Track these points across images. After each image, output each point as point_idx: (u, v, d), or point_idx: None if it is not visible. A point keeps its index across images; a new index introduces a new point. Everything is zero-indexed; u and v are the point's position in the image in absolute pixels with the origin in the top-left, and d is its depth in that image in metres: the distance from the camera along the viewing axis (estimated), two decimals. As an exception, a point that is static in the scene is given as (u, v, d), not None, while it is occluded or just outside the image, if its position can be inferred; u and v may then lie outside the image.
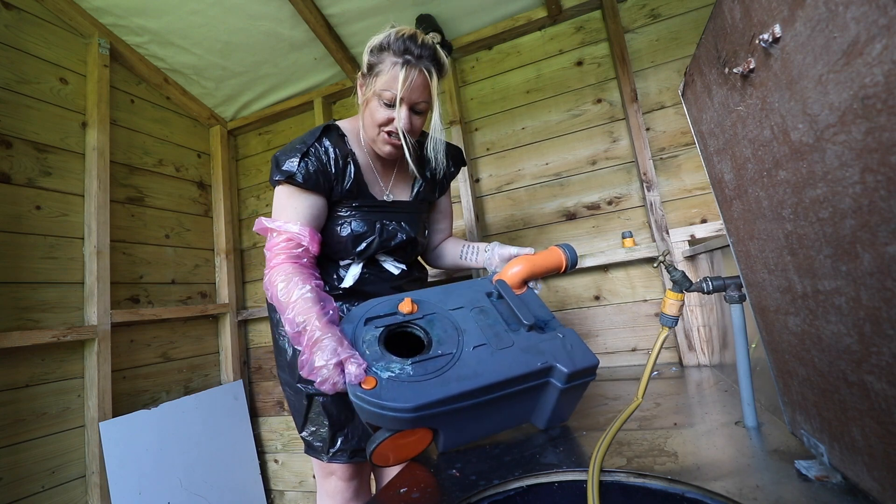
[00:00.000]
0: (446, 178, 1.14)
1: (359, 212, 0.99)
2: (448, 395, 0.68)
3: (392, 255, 1.06)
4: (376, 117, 0.91)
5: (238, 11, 1.62)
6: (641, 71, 1.58)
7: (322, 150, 0.94)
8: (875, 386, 0.40)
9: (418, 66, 0.88)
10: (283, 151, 0.94)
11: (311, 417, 1.01)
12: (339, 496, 1.04)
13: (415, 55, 0.88)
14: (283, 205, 0.93)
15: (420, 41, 0.89)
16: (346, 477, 1.03)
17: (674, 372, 1.33)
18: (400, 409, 0.65)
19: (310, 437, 1.01)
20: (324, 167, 0.93)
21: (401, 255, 1.07)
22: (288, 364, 1.03)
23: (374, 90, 0.90)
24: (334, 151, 0.94)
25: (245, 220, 2.23)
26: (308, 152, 0.92)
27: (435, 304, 0.84)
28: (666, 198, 1.51)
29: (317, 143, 0.93)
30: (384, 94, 0.89)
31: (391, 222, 1.02)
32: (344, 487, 1.04)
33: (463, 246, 1.15)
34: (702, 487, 0.57)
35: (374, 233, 0.99)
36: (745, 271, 0.64)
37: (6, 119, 1.41)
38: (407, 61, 0.87)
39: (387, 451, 0.71)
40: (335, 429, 0.99)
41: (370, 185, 1.02)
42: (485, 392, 0.71)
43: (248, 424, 1.96)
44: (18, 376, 1.32)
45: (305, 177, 0.90)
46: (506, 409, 0.78)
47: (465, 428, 0.76)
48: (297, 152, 0.91)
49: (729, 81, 0.52)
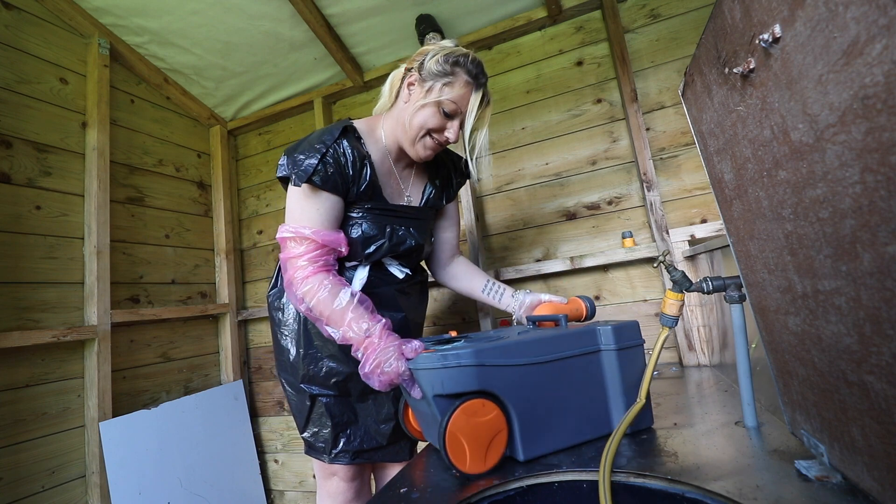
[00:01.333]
0: (455, 187, 1.15)
1: (370, 214, 0.98)
2: (504, 345, 0.73)
3: (398, 259, 1.07)
4: (430, 122, 0.92)
5: (238, 11, 1.62)
6: (641, 71, 1.58)
7: (340, 151, 0.91)
8: (875, 386, 0.40)
9: (483, 89, 0.95)
10: (300, 150, 0.90)
11: (314, 418, 1.01)
12: (340, 497, 1.05)
13: (484, 83, 0.95)
14: (304, 207, 0.91)
15: (485, 71, 0.96)
16: (347, 478, 1.04)
17: (674, 372, 1.33)
18: (463, 354, 0.70)
19: (311, 438, 1.02)
20: (342, 169, 0.91)
21: (406, 260, 1.08)
22: (290, 364, 1.02)
23: (439, 98, 0.91)
24: (352, 153, 0.92)
25: (245, 220, 2.23)
26: (327, 153, 0.89)
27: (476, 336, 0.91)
28: (666, 198, 1.51)
29: (335, 143, 0.91)
30: (449, 105, 0.91)
31: (401, 227, 1.02)
32: (346, 488, 1.05)
33: (487, 281, 1.14)
34: (702, 487, 0.57)
35: (384, 237, 0.99)
36: (745, 271, 0.64)
37: (6, 119, 1.41)
38: (481, 85, 0.94)
39: (460, 429, 0.68)
40: (338, 430, 1.00)
41: (384, 187, 1.01)
42: (539, 348, 0.74)
43: (248, 424, 1.96)
44: (18, 376, 1.32)
45: (324, 178, 0.89)
46: (574, 391, 0.76)
47: (538, 409, 0.74)
48: (317, 153, 0.89)
49: (729, 81, 0.52)
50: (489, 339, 0.78)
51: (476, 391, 0.70)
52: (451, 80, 0.91)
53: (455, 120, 0.94)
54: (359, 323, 0.82)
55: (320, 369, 0.99)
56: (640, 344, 0.81)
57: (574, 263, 1.52)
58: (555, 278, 1.63)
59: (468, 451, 0.68)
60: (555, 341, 0.76)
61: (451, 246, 1.19)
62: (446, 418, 0.67)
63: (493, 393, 0.71)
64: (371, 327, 0.81)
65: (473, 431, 0.69)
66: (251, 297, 2.17)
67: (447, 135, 0.94)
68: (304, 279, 0.87)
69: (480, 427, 0.69)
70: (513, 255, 1.71)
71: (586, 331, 0.79)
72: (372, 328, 0.81)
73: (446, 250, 1.19)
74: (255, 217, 2.20)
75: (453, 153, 1.17)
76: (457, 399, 0.69)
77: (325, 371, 0.99)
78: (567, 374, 0.76)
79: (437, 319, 1.79)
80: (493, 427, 0.70)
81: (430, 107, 0.92)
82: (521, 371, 0.73)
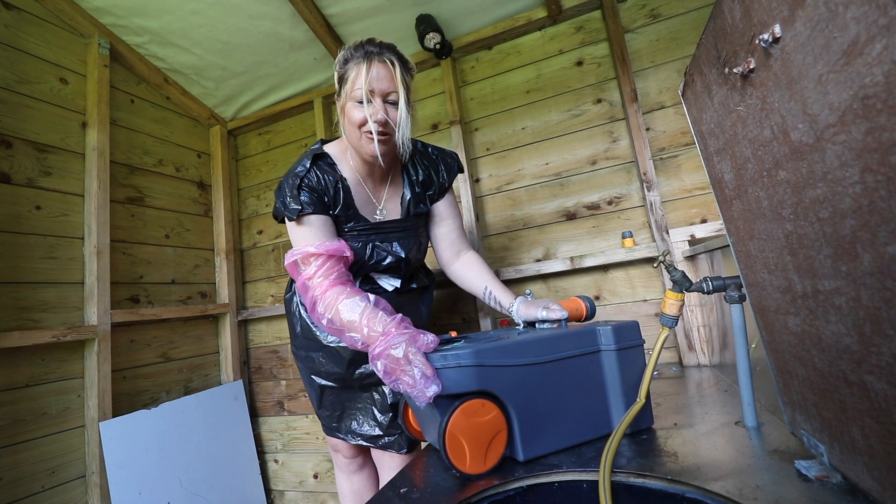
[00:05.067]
0: (439, 184, 1.12)
1: (351, 233, 1.04)
2: (504, 345, 0.73)
3: (385, 273, 1.10)
4: (354, 118, 0.94)
5: (238, 11, 1.62)
6: (641, 71, 1.58)
7: (315, 179, 0.99)
8: (875, 386, 0.40)
9: (380, 57, 0.92)
10: (284, 190, 0.98)
11: (325, 402, 1.16)
12: (345, 468, 1.27)
13: (375, 51, 0.93)
14: (302, 232, 0.98)
15: (378, 41, 0.94)
16: (349, 454, 1.23)
17: (674, 372, 1.33)
18: (463, 355, 0.70)
19: (320, 414, 1.19)
20: (321, 195, 0.99)
21: (395, 273, 1.11)
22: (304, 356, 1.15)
23: (347, 95, 0.94)
24: (325, 179, 0.99)
25: (245, 220, 2.23)
26: (302, 184, 0.97)
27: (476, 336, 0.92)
28: (666, 198, 1.51)
29: (308, 174, 0.98)
30: (356, 94, 0.92)
31: (383, 242, 1.06)
32: (347, 463, 1.25)
33: (486, 287, 1.12)
34: (702, 487, 0.57)
35: (363, 256, 1.04)
36: (745, 271, 0.64)
37: (6, 119, 1.40)
38: (368, 54, 0.92)
39: (460, 429, 0.68)
40: (338, 412, 1.15)
41: (362, 206, 1.05)
42: (539, 349, 0.75)
43: (248, 424, 1.96)
44: (18, 376, 1.32)
45: (308, 203, 0.97)
46: (574, 392, 0.76)
47: (537, 409, 0.73)
48: (295, 188, 0.97)
49: (729, 81, 0.52)
50: (489, 340, 0.78)
51: (476, 391, 0.70)
52: (348, 73, 0.93)
53: (376, 99, 0.93)
54: (376, 322, 0.84)
55: (324, 364, 1.11)
56: (640, 344, 0.81)
57: (574, 263, 1.52)
58: (555, 278, 1.63)
59: (468, 451, 0.68)
60: (555, 341, 0.76)
61: (449, 242, 1.17)
62: (446, 418, 0.67)
63: (492, 393, 0.71)
64: (388, 323, 0.83)
65: (473, 431, 0.69)
66: (251, 297, 2.17)
67: (373, 118, 0.93)
68: (322, 295, 0.91)
69: (480, 427, 0.69)
70: (513, 255, 1.71)
71: (586, 331, 0.79)
72: (389, 323, 0.83)
73: (446, 248, 1.17)
74: (255, 217, 2.20)
75: (434, 153, 1.15)
76: (456, 399, 0.69)
77: (326, 369, 1.12)
78: (567, 374, 0.76)
79: (437, 319, 1.79)
80: (492, 427, 0.70)
81: (347, 108, 0.95)
82: (521, 371, 0.73)
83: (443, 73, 1.82)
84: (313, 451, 1.96)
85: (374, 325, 0.83)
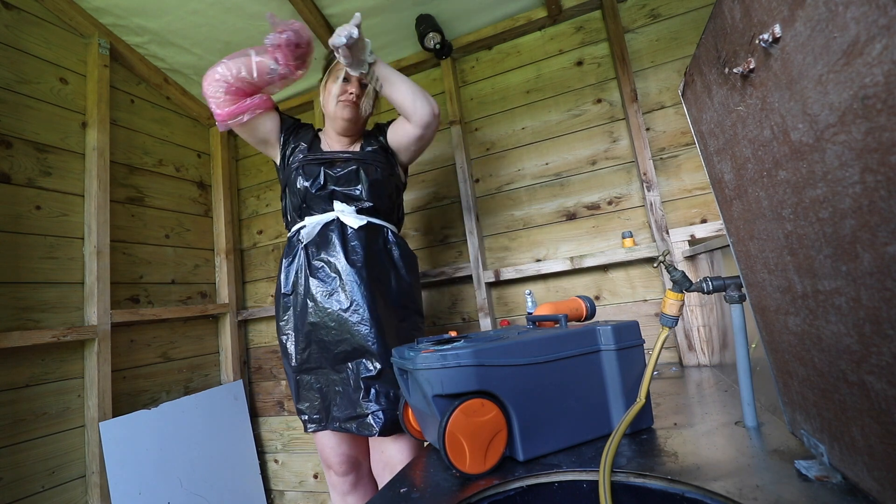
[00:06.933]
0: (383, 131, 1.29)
1: (312, 161, 1.20)
2: (504, 345, 0.73)
3: (349, 202, 1.16)
4: (334, 91, 1.19)
5: (238, 11, 1.62)
6: (641, 71, 1.58)
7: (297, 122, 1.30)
8: (875, 386, 0.40)
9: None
10: None
11: (301, 393, 1.16)
12: (337, 488, 1.19)
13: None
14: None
15: None
16: (340, 472, 1.17)
17: (674, 372, 1.33)
18: (462, 355, 0.70)
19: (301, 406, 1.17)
20: (295, 128, 1.27)
21: (358, 202, 1.17)
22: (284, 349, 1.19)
23: (330, 74, 1.22)
24: (303, 129, 1.28)
25: (245, 220, 2.23)
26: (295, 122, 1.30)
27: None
28: (666, 198, 1.51)
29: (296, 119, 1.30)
30: (337, 72, 1.19)
31: (337, 164, 1.20)
32: (340, 482, 1.18)
33: None
34: (702, 487, 0.57)
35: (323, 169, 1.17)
36: (745, 271, 0.64)
37: (6, 119, 1.40)
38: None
39: (460, 429, 0.68)
40: (314, 401, 1.15)
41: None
42: (539, 348, 0.74)
43: (248, 424, 1.96)
44: (18, 376, 1.32)
45: (289, 120, 1.27)
46: (574, 392, 0.76)
47: (537, 409, 0.73)
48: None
49: (729, 81, 0.52)
50: (489, 339, 0.78)
51: (476, 391, 0.70)
52: (334, 63, 1.21)
53: (350, 79, 1.19)
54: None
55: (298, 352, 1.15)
56: (640, 344, 0.81)
57: (574, 263, 1.52)
58: (555, 278, 1.63)
59: (468, 451, 0.69)
60: (555, 341, 0.76)
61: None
62: (446, 418, 0.67)
63: (492, 393, 0.71)
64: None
65: (473, 431, 0.69)
66: (251, 297, 2.17)
67: (350, 90, 1.19)
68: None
69: (480, 427, 0.69)
70: (513, 255, 1.71)
71: (586, 331, 0.79)
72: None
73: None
74: (255, 217, 2.20)
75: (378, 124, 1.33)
76: (456, 399, 0.69)
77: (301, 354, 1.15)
78: (567, 374, 0.76)
79: (436, 319, 1.79)
80: (492, 427, 0.70)
81: (329, 81, 1.22)
82: (521, 371, 0.73)
83: (443, 73, 1.82)
84: (313, 451, 1.96)
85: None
